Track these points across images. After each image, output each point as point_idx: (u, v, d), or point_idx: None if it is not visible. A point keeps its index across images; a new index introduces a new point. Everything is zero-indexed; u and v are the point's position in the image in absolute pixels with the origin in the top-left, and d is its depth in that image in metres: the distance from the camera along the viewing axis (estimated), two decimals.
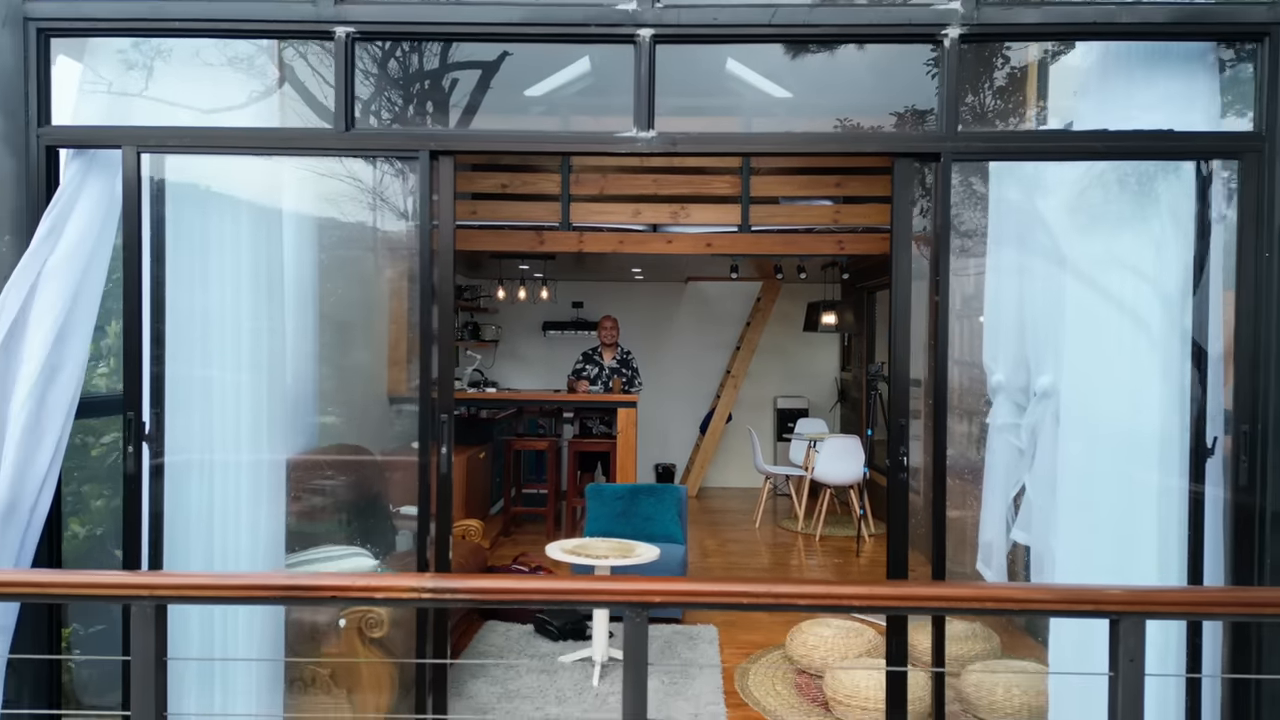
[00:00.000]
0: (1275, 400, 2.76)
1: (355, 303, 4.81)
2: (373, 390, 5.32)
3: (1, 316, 2.77)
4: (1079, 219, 3.10)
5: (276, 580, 2.00)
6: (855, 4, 2.99)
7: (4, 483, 2.74)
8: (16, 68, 2.82)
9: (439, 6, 2.90)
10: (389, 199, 4.46)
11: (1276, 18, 2.76)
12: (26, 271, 2.79)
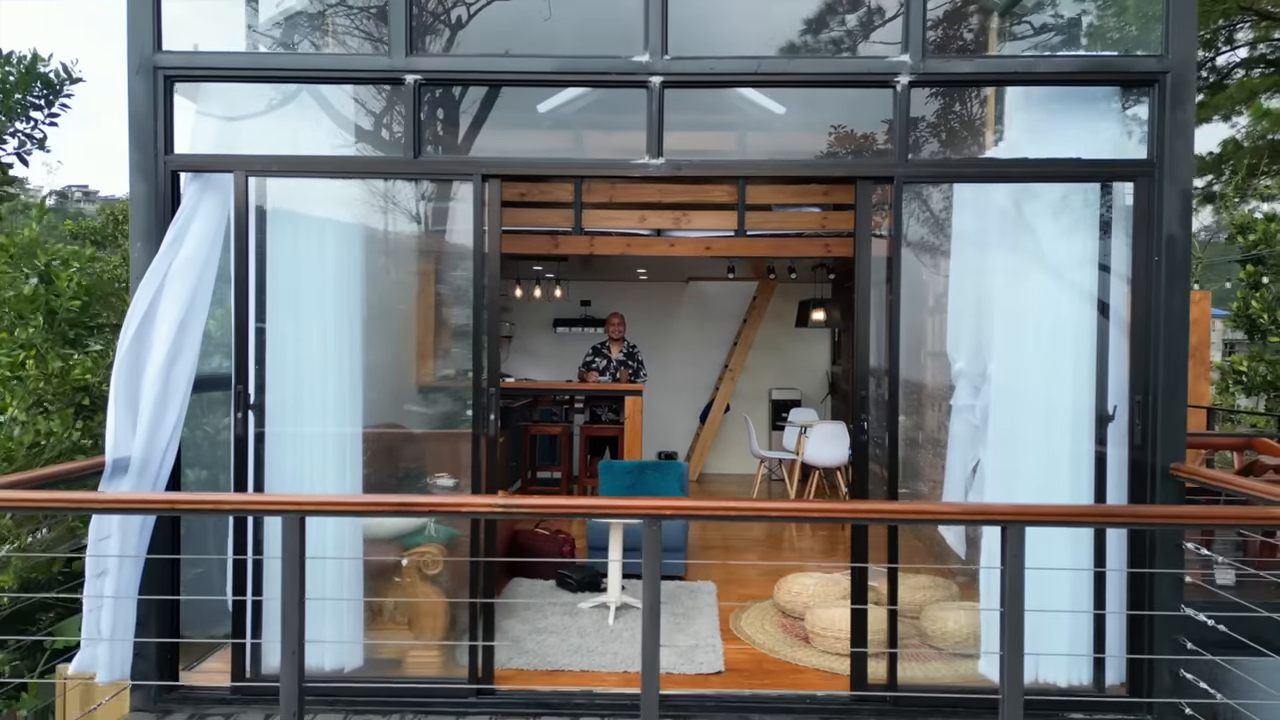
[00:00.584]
0: (1163, 375, 3.44)
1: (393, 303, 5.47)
2: (405, 379, 5.99)
3: (136, 309, 3.45)
4: (1013, 229, 3.77)
5: (390, 499, 2.68)
6: (825, 57, 3.67)
7: (139, 443, 3.41)
8: (148, 108, 3.49)
9: (488, 59, 3.57)
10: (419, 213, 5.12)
11: (1165, 68, 3.43)
12: (155, 273, 3.46)
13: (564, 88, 3.63)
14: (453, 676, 3.68)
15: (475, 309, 3.62)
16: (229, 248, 3.58)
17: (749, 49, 5.07)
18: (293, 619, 2.57)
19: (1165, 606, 3.40)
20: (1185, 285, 3.45)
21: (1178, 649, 3.39)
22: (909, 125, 3.50)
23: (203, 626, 4.00)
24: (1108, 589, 3.50)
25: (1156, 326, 3.44)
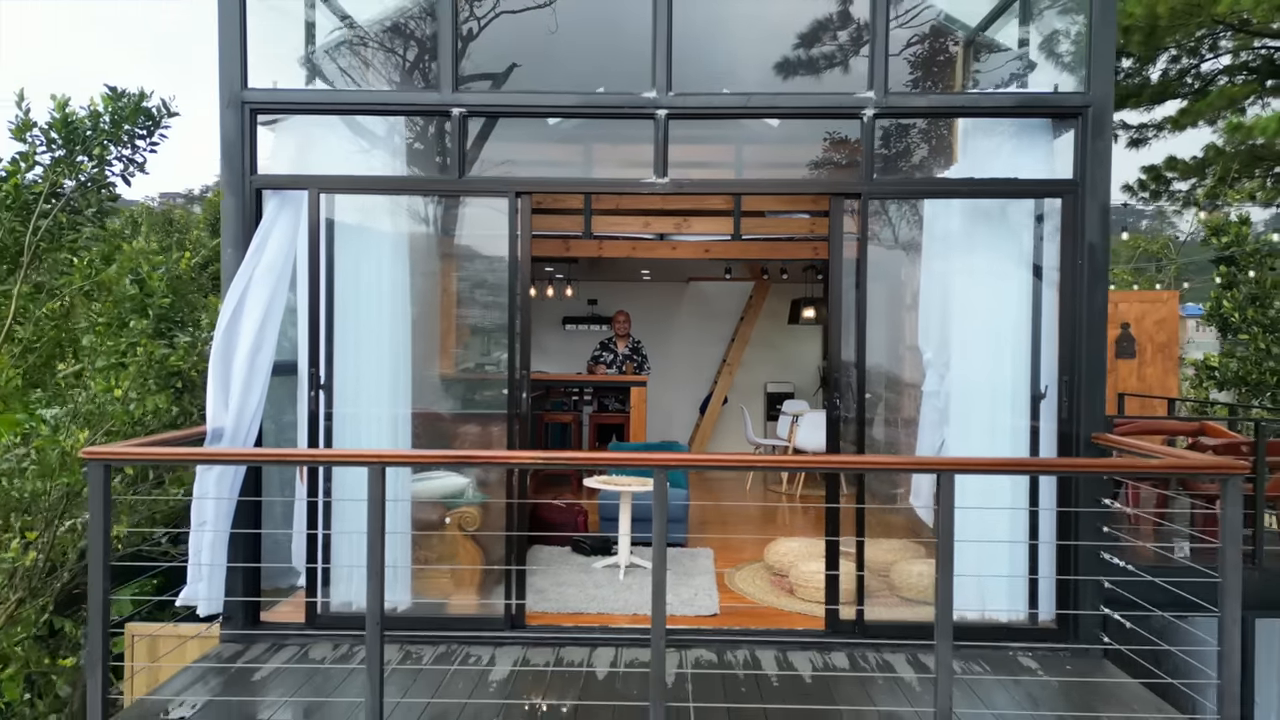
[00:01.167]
0: (1085, 359, 4.11)
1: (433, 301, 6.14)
2: (443, 367, 6.67)
3: (227, 305, 4.13)
4: (968, 238, 4.43)
5: (453, 453, 3.35)
6: (804, 93, 4.34)
7: (231, 416, 4.08)
8: (236, 135, 4.16)
9: (521, 94, 4.25)
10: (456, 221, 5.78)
11: (1087, 103, 4.10)
12: (243, 275, 4.13)
13: (586, 118, 4.30)
14: (490, 615, 4.35)
15: (510, 305, 4.30)
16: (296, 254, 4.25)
17: (743, 70, 5.79)
18: (376, 552, 3.23)
19: (1087, 555, 4.08)
20: (1104, 284, 4.12)
21: (1097, 588, 4.06)
22: (874, 150, 4.18)
23: (273, 580, 4.67)
24: (1040, 542, 4.17)
25: (1080, 319, 4.10)
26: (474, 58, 4.94)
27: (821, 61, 5.43)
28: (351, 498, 4.11)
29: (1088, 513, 4.07)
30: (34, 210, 4.48)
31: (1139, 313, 10.82)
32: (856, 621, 4.21)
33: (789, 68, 5.79)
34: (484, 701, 3.53)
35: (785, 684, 3.73)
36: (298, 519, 4.39)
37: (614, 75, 4.57)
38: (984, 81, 5.43)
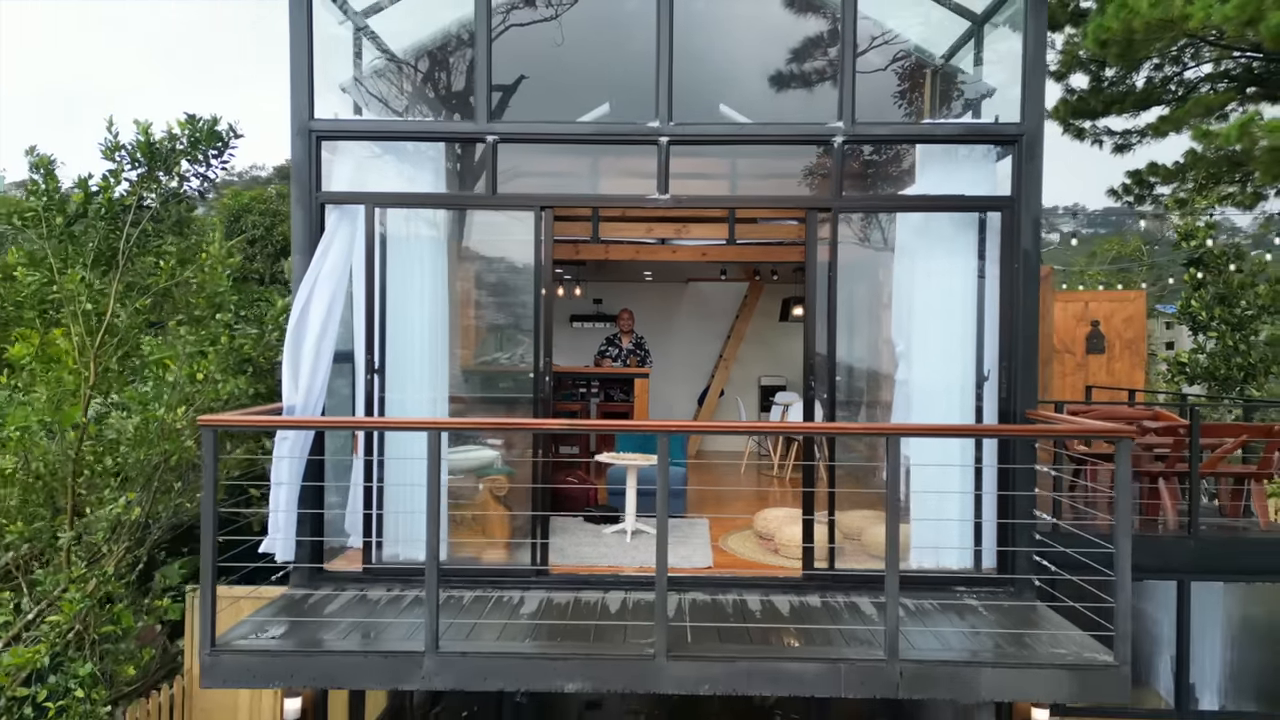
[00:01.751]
0: (1021, 347, 4.87)
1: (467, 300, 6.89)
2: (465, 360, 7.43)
3: (297, 303, 4.89)
4: (928, 245, 5.18)
5: (495, 421, 4.13)
6: (783, 123, 5.11)
7: (300, 396, 4.84)
8: (305, 158, 4.92)
9: (545, 124, 5.02)
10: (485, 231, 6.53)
11: (1022, 131, 4.87)
12: (310, 276, 4.89)
13: (601, 144, 5.07)
14: (517, 565, 5.11)
15: (535, 303, 5.06)
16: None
17: (739, 89, 6.56)
18: (434, 502, 3.99)
19: (1022, 509, 4.84)
20: (1036, 284, 4.88)
21: (1029, 542, 4.83)
22: (843, 171, 4.95)
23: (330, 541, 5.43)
24: (983, 501, 4.93)
25: (1017, 314, 4.87)
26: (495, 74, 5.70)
27: (800, 88, 6.21)
28: (403, 462, 4.87)
29: (1023, 473, 4.83)
30: (124, 220, 5.24)
31: (1108, 311, 11.59)
32: (829, 571, 4.98)
33: (781, 81, 6.55)
34: (519, 623, 4.30)
35: (766, 614, 4.50)
36: (353, 493, 5.14)
37: (619, 88, 5.36)
38: (949, 104, 6.20)
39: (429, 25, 6.04)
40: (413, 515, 5.09)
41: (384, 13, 5.70)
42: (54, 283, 5.23)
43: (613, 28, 6.61)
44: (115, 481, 4.78)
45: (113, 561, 4.65)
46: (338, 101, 5.44)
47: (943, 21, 5.90)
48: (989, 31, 5.57)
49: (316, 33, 4.93)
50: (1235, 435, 7.03)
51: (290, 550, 4.81)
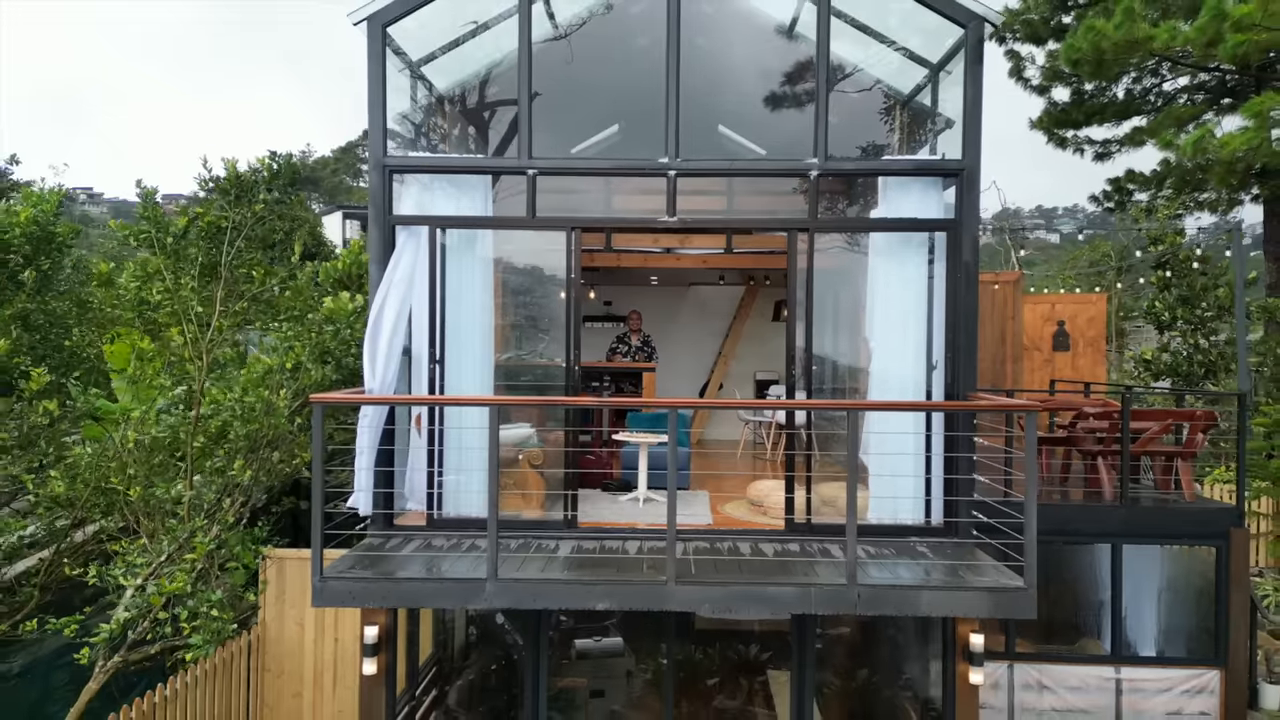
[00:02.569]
0: (962, 341, 5.98)
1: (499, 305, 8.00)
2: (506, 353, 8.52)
3: (373, 306, 6.01)
4: (892, 257, 6.29)
5: (539, 398, 5.25)
6: (770, 159, 6.23)
7: (377, 382, 5.96)
8: (379, 187, 6.04)
9: (575, 160, 6.14)
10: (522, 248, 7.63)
11: (963, 166, 5.98)
12: (384, 285, 6.01)
13: (615, 176, 6.19)
14: (551, 520, 6.23)
15: (566, 305, 6.18)
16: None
17: (733, 116, 7.68)
18: (493, 464, 5.10)
19: (964, 472, 5.95)
20: (975, 289, 5.99)
21: (971, 498, 5.94)
22: (818, 197, 6.06)
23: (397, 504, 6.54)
24: (932, 464, 6.05)
25: (959, 314, 5.98)
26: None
27: (790, 107, 7.33)
28: (460, 433, 5.99)
29: (964, 441, 5.94)
30: (221, 238, 6.35)
31: (1072, 312, 12.70)
32: (807, 525, 6.10)
33: (774, 100, 7.64)
34: (558, 558, 5.42)
35: (754, 556, 5.62)
36: (411, 462, 6.25)
37: (627, 110, 6.47)
38: (914, 135, 7.31)
39: (468, 67, 7.20)
40: (468, 478, 6.23)
41: (436, 61, 6.84)
42: (167, 290, 6.34)
43: (624, 61, 7.73)
44: (223, 450, 5.88)
45: (231, 513, 5.75)
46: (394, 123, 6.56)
47: (905, 67, 7.04)
48: (943, 78, 6.69)
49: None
50: (1162, 420, 8.15)
51: (369, 506, 5.93)
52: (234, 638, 7.63)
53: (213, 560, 5.66)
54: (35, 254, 6.52)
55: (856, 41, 6.85)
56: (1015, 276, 12.34)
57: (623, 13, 7.59)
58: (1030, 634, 8.05)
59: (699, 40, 7.04)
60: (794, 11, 6.94)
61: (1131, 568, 8.01)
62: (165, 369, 6.06)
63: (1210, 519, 7.80)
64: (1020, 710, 7.93)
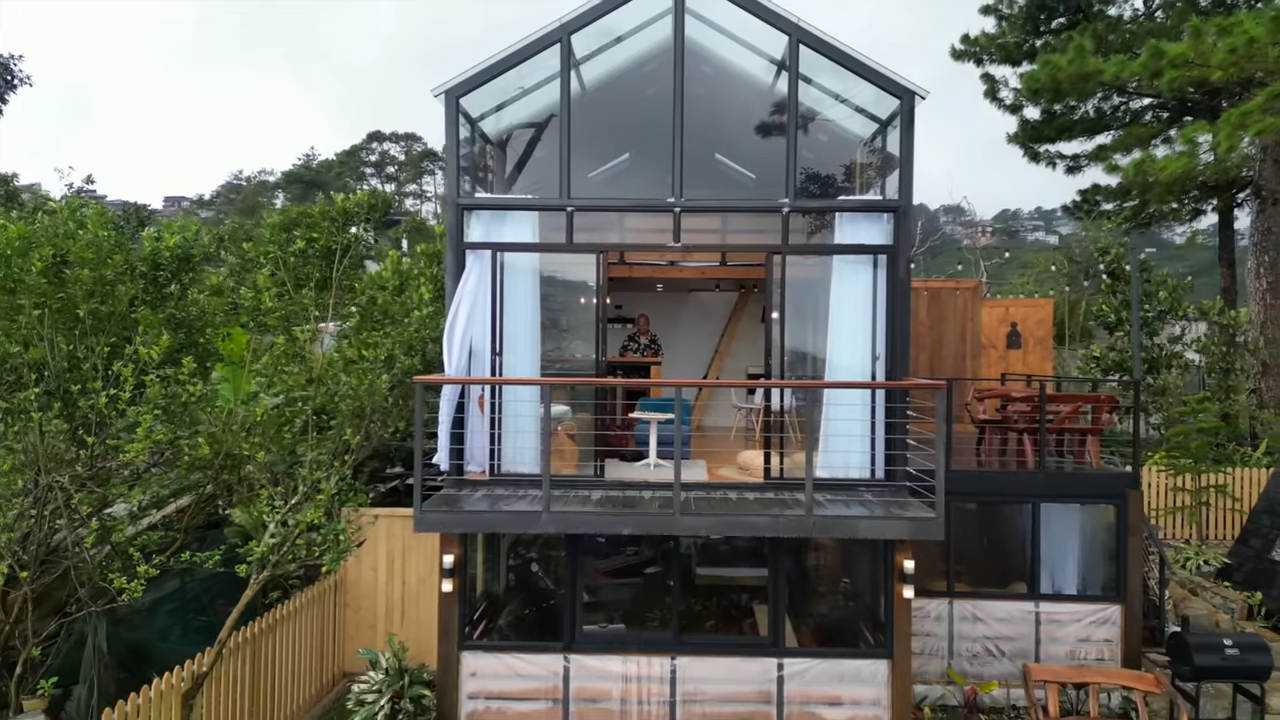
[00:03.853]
0: (898, 336, 7.84)
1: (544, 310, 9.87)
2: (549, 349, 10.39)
3: (451, 311, 7.88)
4: (845, 271, 8.15)
5: (576, 379, 7.13)
6: (752, 198, 8.10)
7: (453, 370, 7.83)
8: (455, 221, 7.92)
9: (602, 200, 8.02)
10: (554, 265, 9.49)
11: (897, 205, 7.86)
12: (458, 295, 7.89)
13: (630, 212, 8.07)
14: (584, 476, 8.10)
15: (597, 312, 8.05)
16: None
17: (727, 145, 9.56)
18: (546, 432, 6.95)
19: (898, 444, 7.81)
20: (907, 299, 7.85)
21: (903, 457, 7.81)
22: (788, 228, 7.93)
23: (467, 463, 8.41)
24: (875, 430, 7.92)
25: (895, 315, 7.84)
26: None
27: (776, 134, 9.18)
28: (515, 404, 7.86)
29: (898, 414, 7.81)
30: (333, 258, 8.21)
31: (1024, 315, 14.57)
32: (780, 478, 7.96)
33: (765, 129, 9.49)
34: (593, 496, 7.29)
35: (739, 499, 7.49)
36: (470, 431, 8.10)
37: (636, 143, 8.35)
38: (869, 173, 9.18)
39: (511, 120, 9.08)
40: (520, 444, 8.10)
41: (487, 119, 8.72)
42: (279, 297, 8.20)
43: (636, 104, 9.57)
44: (335, 422, 7.72)
45: (348, 468, 7.59)
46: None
47: (860, 119, 8.90)
48: (890, 130, 8.56)
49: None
50: (1072, 403, 10.02)
51: (447, 462, 7.80)
52: (324, 577, 9.53)
53: (332, 502, 7.48)
54: (179, 271, 8.36)
55: (819, 102, 8.72)
56: (974, 284, 14.22)
57: (636, 71, 9.44)
58: (968, 577, 9.91)
59: (699, 90, 8.93)
60: (771, 78, 8.81)
61: (1051, 523, 9.86)
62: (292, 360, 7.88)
63: (1111, 483, 9.66)
64: (958, 638, 9.78)
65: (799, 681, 7.86)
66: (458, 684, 7.80)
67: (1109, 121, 25.36)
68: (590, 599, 8.22)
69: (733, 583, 9.52)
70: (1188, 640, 9.06)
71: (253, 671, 7.91)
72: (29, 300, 7.44)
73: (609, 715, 7.84)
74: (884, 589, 7.85)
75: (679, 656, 7.88)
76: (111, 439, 7.51)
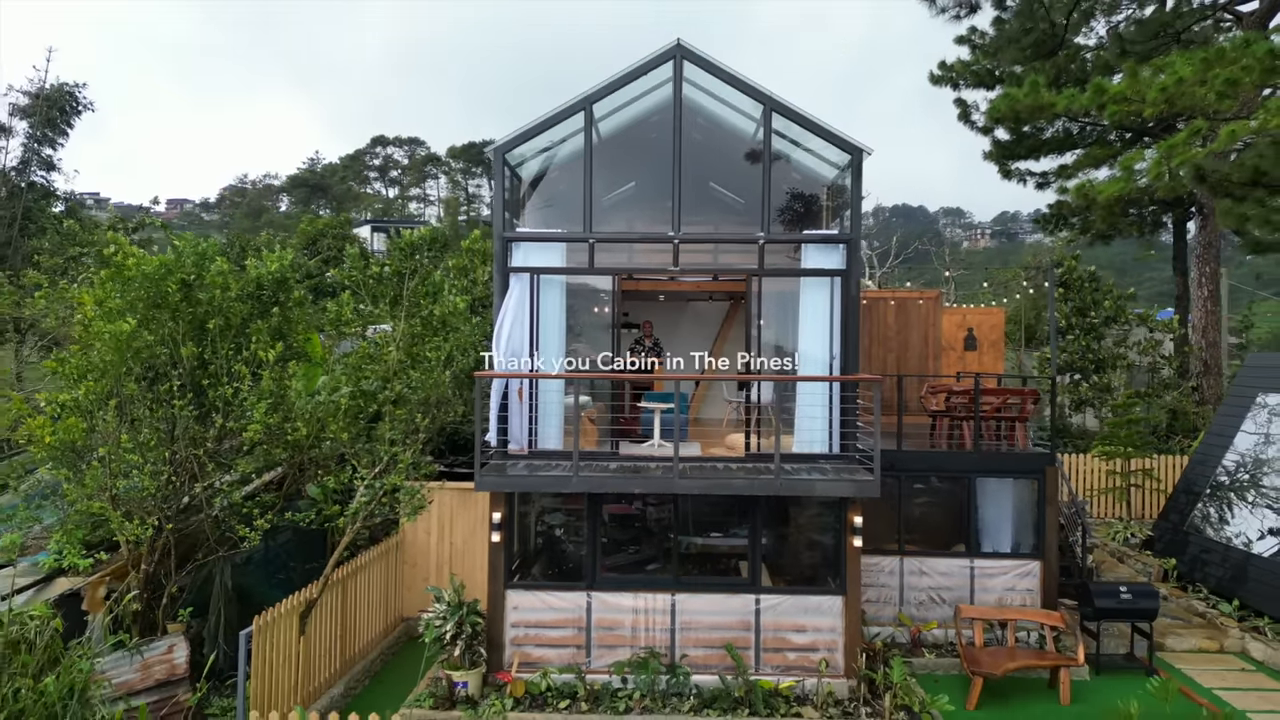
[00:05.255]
0: (850, 340, 9.97)
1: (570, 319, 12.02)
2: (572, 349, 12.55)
3: (498, 322, 10.03)
4: (812, 289, 10.27)
5: (595, 373, 9.28)
6: (735, 231, 10.23)
7: (499, 368, 9.97)
8: (501, 251, 10.06)
9: (615, 233, 10.15)
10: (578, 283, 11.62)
11: (848, 238, 9.99)
12: (503, 308, 10.03)
13: (639, 243, 10.18)
14: (603, 450, 10.22)
15: (612, 320, 10.18)
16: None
17: (721, 174, 11.71)
18: (575, 416, 9.05)
19: (850, 420, 9.94)
20: (856, 310, 9.97)
21: (854, 436, 9.94)
22: (764, 255, 10.06)
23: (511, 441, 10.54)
24: (833, 415, 10.05)
25: (849, 326, 9.96)
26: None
27: (754, 182, 11.32)
28: (547, 395, 9.99)
29: (849, 401, 9.94)
30: (404, 279, 10.33)
31: (979, 321, 16.69)
32: (758, 453, 10.09)
33: (752, 156, 11.68)
34: (610, 468, 9.43)
35: (725, 467, 9.61)
36: (512, 414, 10.21)
37: (642, 175, 10.49)
38: (834, 208, 11.31)
39: (540, 167, 11.21)
40: (550, 427, 10.22)
41: (524, 165, 10.86)
42: (359, 308, 10.32)
43: (642, 145, 11.69)
44: (404, 410, 9.82)
45: (419, 445, 9.70)
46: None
47: (824, 164, 11.03)
48: (848, 174, 10.69)
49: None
50: (1001, 395, 12.14)
51: (495, 440, 9.92)
52: (387, 538, 11.66)
53: (408, 471, 9.57)
54: (277, 290, 10.46)
55: (790, 148, 10.86)
56: (936, 294, 16.36)
57: (643, 122, 11.55)
58: (917, 540, 12.02)
59: (695, 136, 11.06)
60: (753, 129, 10.94)
61: (985, 494, 11.99)
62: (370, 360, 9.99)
63: (1033, 461, 11.79)
64: (908, 589, 11.90)
65: (773, 613, 9.98)
66: (503, 615, 9.91)
67: (1077, 140, 27.51)
68: (607, 550, 10.32)
69: (720, 550, 11.65)
70: (1090, 587, 11.21)
71: (342, 605, 10.04)
72: (168, 314, 9.56)
73: (622, 639, 9.95)
74: (839, 541, 9.96)
75: (678, 594, 10.00)
76: (232, 422, 9.63)
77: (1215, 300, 20.84)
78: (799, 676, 9.76)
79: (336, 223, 26.91)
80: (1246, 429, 14.28)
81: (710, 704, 9.31)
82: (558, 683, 9.56)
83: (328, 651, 9.68)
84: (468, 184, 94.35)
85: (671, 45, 10.01)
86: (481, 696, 9.44)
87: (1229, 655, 11.71)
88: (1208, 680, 10.77)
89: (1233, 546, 13.25)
